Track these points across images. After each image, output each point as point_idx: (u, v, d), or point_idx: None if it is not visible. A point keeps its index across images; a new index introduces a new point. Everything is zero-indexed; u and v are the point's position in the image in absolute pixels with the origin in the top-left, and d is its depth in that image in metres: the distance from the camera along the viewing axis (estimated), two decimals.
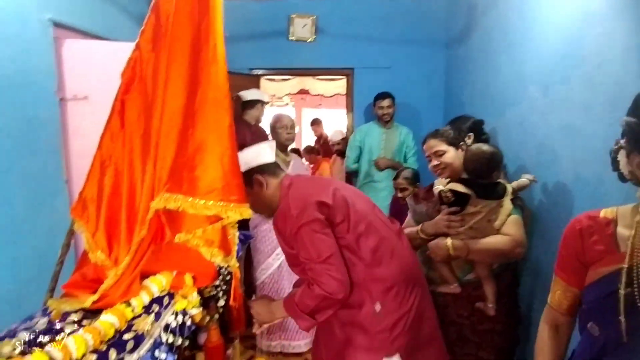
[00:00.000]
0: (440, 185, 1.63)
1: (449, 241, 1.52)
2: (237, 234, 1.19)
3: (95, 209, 1.29)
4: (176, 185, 1.10)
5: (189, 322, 1.31)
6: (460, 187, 1.54)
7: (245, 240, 2.03)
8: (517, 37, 2.04)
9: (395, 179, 2.66)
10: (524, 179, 1.67)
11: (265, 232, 2.45)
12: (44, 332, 1.09)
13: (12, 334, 1.09)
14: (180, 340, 1.24)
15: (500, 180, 1.60)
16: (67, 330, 1.10)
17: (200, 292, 1.43)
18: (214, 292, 1.57)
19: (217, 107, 1.14)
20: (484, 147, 1.58)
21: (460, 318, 1.58)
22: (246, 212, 1.13)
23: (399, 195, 2.62)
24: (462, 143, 1.68)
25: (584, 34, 1.47)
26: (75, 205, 1.32)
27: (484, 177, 1.54)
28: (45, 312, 1.25)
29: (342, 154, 3.61)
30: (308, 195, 1.33)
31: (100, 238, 1.26)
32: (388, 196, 2.91)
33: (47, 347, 0.95)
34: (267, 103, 3.14)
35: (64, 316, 1.20)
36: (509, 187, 1.56)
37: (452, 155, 1.63)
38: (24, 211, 1.82)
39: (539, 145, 1.79)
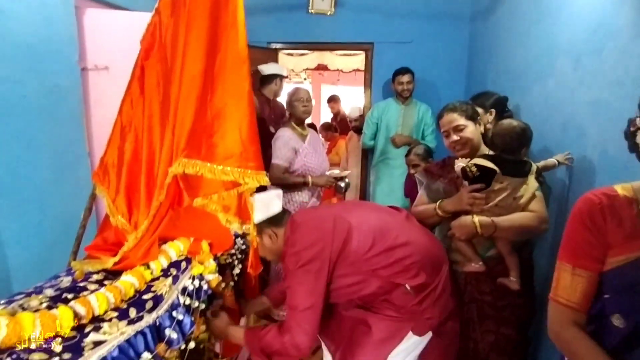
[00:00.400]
0: (461, 162, 1.58)
1: (475, 219, 1.48)
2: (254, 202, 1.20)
3: (116, 174, 1.31)
4: (194, 151, 1.11)
5: (205, 287, 1.34)
6: (486, 163, 1.49)
7: None
8: (548, 8, 1.94)
9: (407, 155, 2.62)
10: (552, 160, 1.61)
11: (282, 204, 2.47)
12: (69, 290, 1.14)
13: (39, 291, 1.14)
14: (197, 304, 1.27)
15: (526, 159, 1.55)
16: (90, 288, 1.14)
17: (216, 259, 1.46)
18: (230, 260, 1.60)
19: (236, 72, 1.13)
20: (515, 122, 1.53)
21: (482, 295, 1.56)
22: (263, 179, 1.13)
23: (412, 171, 2.59)
24: (479, 118, 1.63)
25: (621, 2, 1.38)
26: (97, 170, 1.35)
27: (513, 153, 1.50)
28: (69, 272, 1.30)
29: (359, 130, 3.57)
30: (312, 233, 1.40)
31: (121, 203, 1.29)
32: (403, 174, 2.88)
33: (72, 303, 0.99)
34: (286, 77, 3.10)
35: (87, 276, 1.25)
36: (534, 166, 1.52)
37: (472, 130, 1.58)
38: (49, 178, 1.88)
39: (564, 122, 1.73)
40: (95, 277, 1.23)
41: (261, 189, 1.23)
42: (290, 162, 2.41)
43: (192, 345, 1.27)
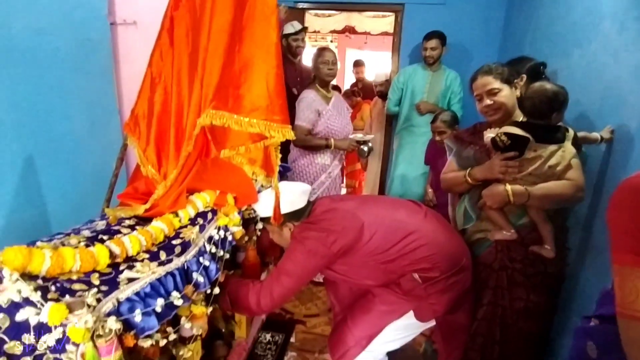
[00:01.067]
0: (491, 133, 1.53)
1: (508, 187, 1.44)
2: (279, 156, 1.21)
3: (146, 125, 1.35)
4: (222, 102, 1.12)
5: (229, 238, 1.40)
6: (517, 130, 1.43)
7: (284, 172, 2.07)
8: None
9: (432, 122, 2.56)
10: (595, 134, 1.53)
11: (303, 166, 2.49)
12: (103, 232, 1.21)
13: (76, 232, 1.21)
14: (221, 253, 1.33)
15: (560, 124, 1.48)
16: (123, 232, 1.21)
17: (240, 213, 1.50)
18: (253, 215, 1.65)
19: (264, 23, 1.12)
20: (548, 84, 1.44)
21: (513, 262, 1.54)
22: (289, 133, 1.14)
23: (437, 138, 2.55)
24: (516, 81, 1.56)
25: None
26: (128, 121, 1.39)
27: (543, 117, 1.43)
28: (103, 217, 1.37)
29: (383, 96, 3.49)
30: (325, 223, 1.44)
31: (151, 153, 1.34)
32: (427, 142, 2.83)
33: (107, 242, 1.05)
34: (302, 30, 2.92)
35: (120, 221, 1.31)
36: (571, 131, 1.45)
37: (506, 94, 1.51)
38: (82, 130, 1.94)
39: (604, 89, 1.64)
40: (127, 222, 1.30)
41: (282, 154, 1.25)
42: (313, 124, 2.40)
43: (217, 290, 1.34)
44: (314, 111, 2.38)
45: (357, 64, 5.20)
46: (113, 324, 0.85)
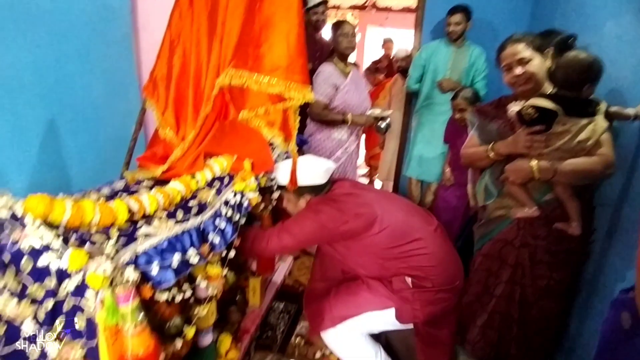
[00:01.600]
0: (516, 107, 1.47)
1: (533, 163, 1.40)
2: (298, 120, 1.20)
3: (165, 88, 1.34)
4: (241, 61, 1.11)
5: (246, 204, 1.40)
6: (545, 103, 1.36)
7: (301, 145, 2.06)
8: None
9: (453, 98, 2.49)
10: (630, 110, 1.45)
11: (320, 141, 2.47)
12: (122, 191, 1.23)
13: (96, 190, 1.23)
14: (237, 217, 1.34)
15: (592, 97, 1.41)
16: (141, 192, 1.22)
17: (257, 180, 1.50)
18: (270, 184, 1.65)
19: None
20: (582, 54, 1.37)
21: (536, 239, 1.51)
22: (308, 95, 1.12)
23: (457, 116, 2.48)
24: (547, 50, 1.48)
25: None
26: (147, 84, 1.39)
27: (574, 88, 1.36)
28: (122, 179, 1.39)
29: (404, 72, 3.41)
30: (340, 204, 1.47)
31: (169, 116, 1.34)
32: (447, 121, 2.77)
33: (125, 199, 1.06)
34: (323, 3, 2.84)
35: (138, 182, 1.33)
36: (603, 104, 1.38)
37: (537, 63, 1.44)
38: (102, 97, 1.96)
39: (638, 63, 1.56)
40: (145, 183, 1.31)
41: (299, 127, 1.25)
42: (330, 98, 2.37)
43: (232, 254, 1.36)
44: (331, 85, 2.35)
45: (387, 41, 5.05)
46: (131, 273, 0.87)
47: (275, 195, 1.75)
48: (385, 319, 1.52)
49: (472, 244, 1.80)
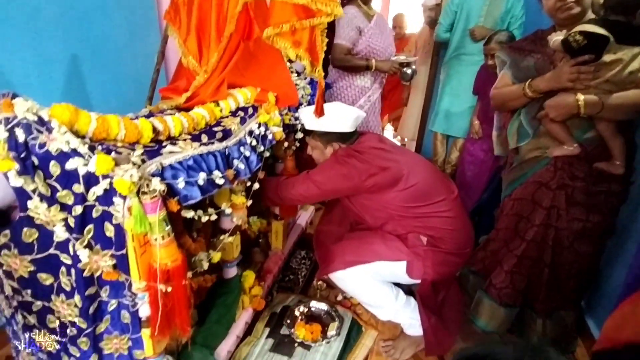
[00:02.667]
0: (558, 36, 1.35)
1: (580, 97, 1.29)
2: (326, 41, 1.13)
3: (187, 13, 1.29)
4: None
5: (270, 136, 1.37)
6: (595, 29, 1.23)
7: (326, 88, 1.99)
8: None
9: (486, 43, 2.34)
10: None
11: (342, 89, 2.38)
12: (146, 116, 1.21)
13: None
14: (262, 148, 1.31)
15: None
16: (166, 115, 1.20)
17: (281, 116, 1.46)
18: (294, 122, 1.61)
19: None
20: None
21: (574, 180, 1.43)
22: (337, 10, 1.04)
23: (490, 62, 2.34)
24: None
25: None
26: (168, 9, 1.33)
27: (628, 13, 1.22)
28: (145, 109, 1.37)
29: (433, 23, 3.23)
30: (368, 157, 1.44)
31: (192, 43, 1.29)
32: (477, 71, 2.63)
33: (150, 119, 1.04)
34: None
35: (161, 111, 1.31)
36: None
37: None
38: (122, 37, 1.93)
39: None
40: (169, 111, 1.29)
41: None
42: (353, 42, 2.25)
43: (256, 185, 1.34)
44: (354, 28, 2.23)
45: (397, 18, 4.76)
46: (157, 184, 0.85)
47: (299, 135, 1.72)
48: (395, 271, 1.50)
49: (497, 197, 1.74)
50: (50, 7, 1.51)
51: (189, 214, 0.99)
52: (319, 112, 1.29)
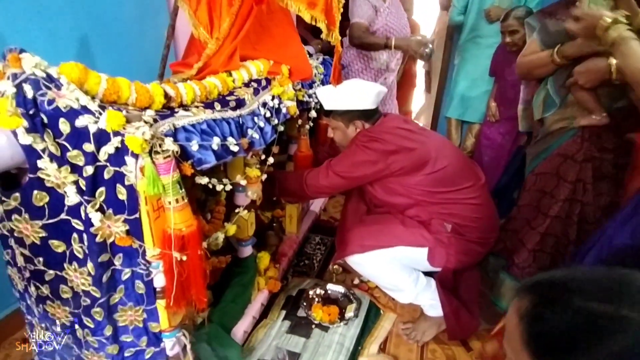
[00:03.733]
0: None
1: (612, 61, 1.21)
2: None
3: None
4: None
5: (284, 110, 1.32)
6: None
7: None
8: None
9: (503, 20, 2.27)
10: None
11: (358, 71, 2.33)
12: None
13: None
14: (276, 121, 1.27)
15: None
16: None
17: (295, 93, 1.42)
18: (307, 100, 1.56)
19: None
20: None
21: (602, 152, 1.36)
22: None
23: (507, 40, 2.27)
24: None
25: None
26: None
27: None
28: None
29: (448, 7, 3.15)
30: (395, 138, 1.38)
31: (202, 13, 1.26)
32: (493, 54, 2.56)
33: (162, 84, 1.00)
34: None
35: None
36: None
37: None
38: (131, 18, 1.91)
39: None
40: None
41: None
42: (370, 21, 2.20)
43: (271, 160, 1.30)
44: (371, 6, 2.17)
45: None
46: (170, 144, 0.82)
47: (313, 114, 1.67)
48: (415, 257, 1.44)
49: (516, 180, 1.66)
50: None
51: (203, 180, 0.95)
52: (336, 79, 1.24)
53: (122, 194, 0.82)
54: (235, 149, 1.00)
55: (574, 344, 0.45)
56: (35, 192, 0.79)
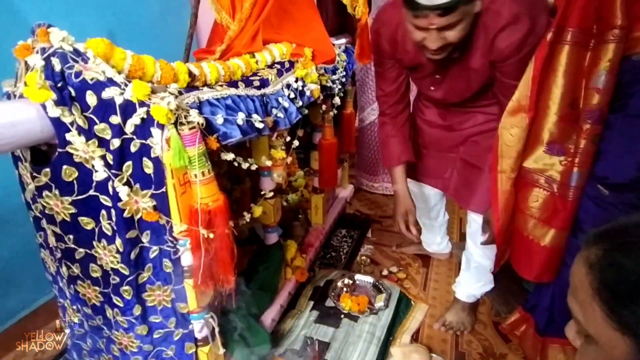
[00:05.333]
0: None
1: None
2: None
3: None
4: None
5: (308, 93, 1.30)
6: None
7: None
8: None
9: None
10: None
11: None
12: None
13: None
14: (300, 103, 1.25)
15: None
16: None
17: (318, 77, 1.40)
18: (331, 85, 1.53)
19: None
20: None
21: None
22: None
23: None
24: None
25: None
26: None
27: None
28: None
29: None
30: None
31: None
32: None
33: (186, 64, 1.00)
34: None
35: None
36: None
37: None
38: (155, 16, 1.95)
39: None
40: None
41: None
42: None
43: (296, 143, 1.28)
44: None
45: None
46: (196, 116, 0.80)
47: (337, 100, 1.64)
48: None
49: None
50: None
51: (229, 156, 0.94)
52: (363, 56, 1.20)
53: (148, 167, 0.81)
54: (260, 125, 0.98)
55: None
56: (64, 167, 0.79)
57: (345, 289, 1.61)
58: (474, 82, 1.22)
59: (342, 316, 1.48)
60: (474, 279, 1.44)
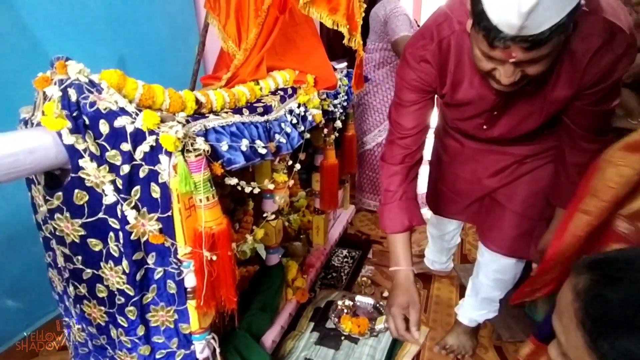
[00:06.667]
0: None
1: None
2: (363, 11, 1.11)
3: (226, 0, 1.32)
4: None
5: (310, 118, 1.35)
6: None
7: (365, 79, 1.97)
8: None
9: None
10: None
11: (388, 90, 2.36)
12: None
13: None
14: (302, 128, 1.29)
15: None
16: None
17: (320, 102, 1.45)
18: (332, 109, 1.58)
19: None
20: None
21: None
22: None
23: None
24: None
25: None
26: None
27: None
28: None
29: None
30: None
31: (231, 27, 1.32)
32: None
33: (193, 92, 1.05)
34: None
35: None
36: None
37: None
38: (165, 41, 2.02)
39: None
40: None
41: None
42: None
43: (298, 166, 1.32)
44: (409, 20, 2.20)
45: None
46: (202, 143, 0.85)
47: (338, 124, 1.69)
48: None
49: None
50: (98, 9, 1.62)
51: (232, 181, 0.98)
52: (358, 84, 1.25)
53: (155, 192, 0.85)
54: (263, 151, 1.02)
55: (635, 323, 0.42)
56: (76, 191, 0.83)
57: (345, 310, 1.62)
58: (545, 115, 1.00)
59: (343, 338, 1.49)
60: (478, 307, 1.43)
